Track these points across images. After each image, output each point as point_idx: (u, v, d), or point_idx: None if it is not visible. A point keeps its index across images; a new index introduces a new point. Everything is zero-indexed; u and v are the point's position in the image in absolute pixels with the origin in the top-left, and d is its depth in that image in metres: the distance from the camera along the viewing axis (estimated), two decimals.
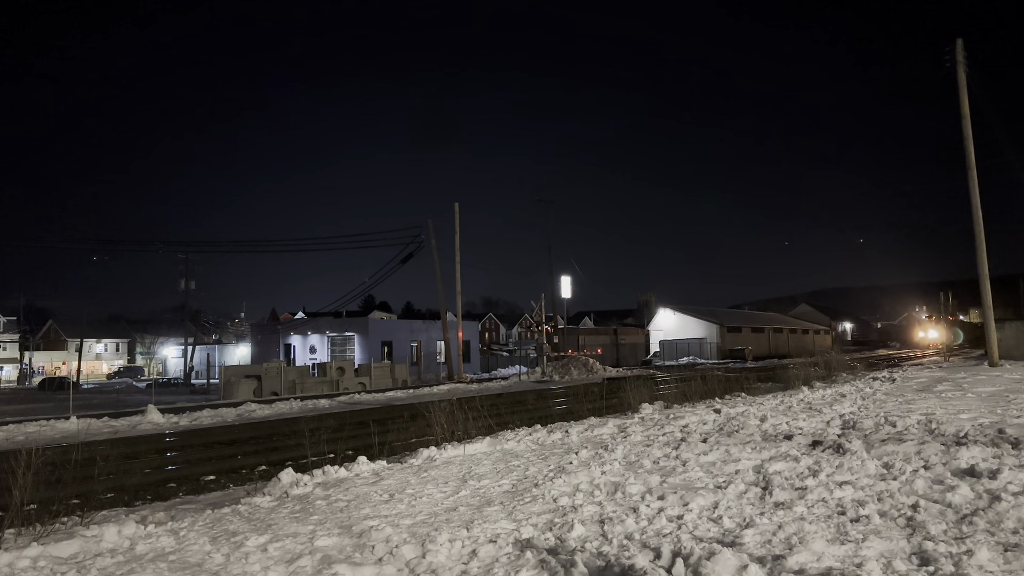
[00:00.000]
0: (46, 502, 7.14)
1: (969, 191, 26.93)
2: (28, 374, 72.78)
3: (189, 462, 12.88)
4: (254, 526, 6.31)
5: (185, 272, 56.45)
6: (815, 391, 18.81)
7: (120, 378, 67.19)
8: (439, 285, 40.99)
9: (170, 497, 9.56)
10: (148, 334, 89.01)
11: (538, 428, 12.55)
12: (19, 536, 6.39)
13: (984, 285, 26.89)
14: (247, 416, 20.51)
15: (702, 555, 4.36)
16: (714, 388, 19.50)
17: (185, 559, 5.31)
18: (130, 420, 19.20)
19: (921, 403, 13.54)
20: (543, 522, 5.79)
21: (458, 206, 40.60)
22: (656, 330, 74.65)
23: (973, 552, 4.27)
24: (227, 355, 57.48)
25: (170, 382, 54.65)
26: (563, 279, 49.77)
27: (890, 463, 7.14)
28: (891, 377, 22.64)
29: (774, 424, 11.14)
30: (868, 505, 5.60)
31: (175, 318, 73.21)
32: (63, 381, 49.76)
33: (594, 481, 7.31)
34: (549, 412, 19.33)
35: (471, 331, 50.82)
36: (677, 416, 13.54)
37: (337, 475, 8.73)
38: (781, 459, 7.82)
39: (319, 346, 43.40)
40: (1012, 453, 7.36)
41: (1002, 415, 10.86)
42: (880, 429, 9.95)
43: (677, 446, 9.35)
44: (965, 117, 26.86)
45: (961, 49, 27.20)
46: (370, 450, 10.80)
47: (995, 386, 16.61)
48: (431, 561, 4.91)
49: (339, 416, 18.55)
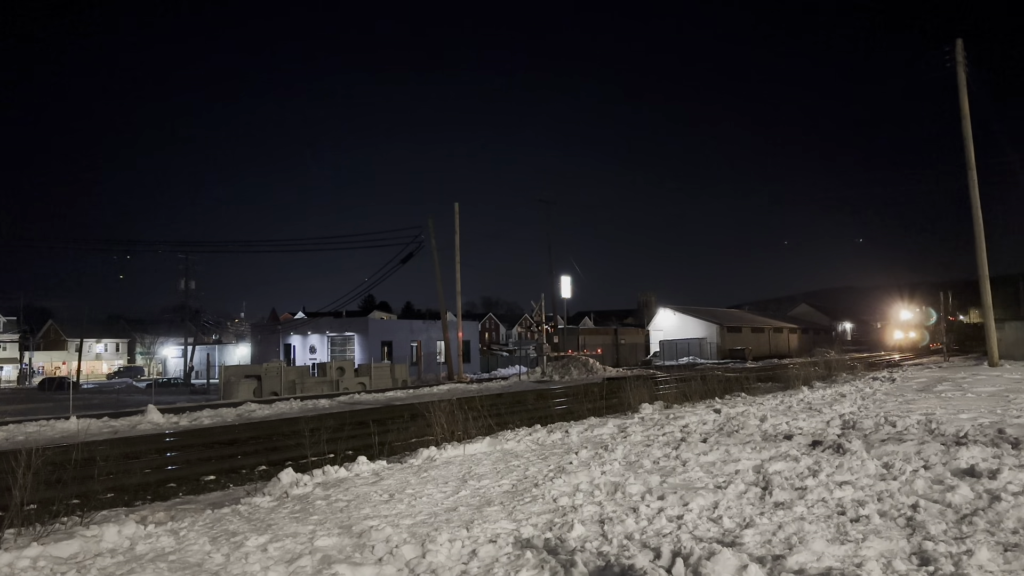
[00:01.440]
0: (46, 502, 7.14)
1: (969, 191, 26.94)
2: (28, 374, 72.81)
3: (189, 462, 12.88)
4: (254, 526, 6.31)
5: (185, 272, 56.51)
6: (815, 391, 18.82)
7: (120, 378, 67.22)
8: (439, 285, 41.00)
9: (170, 497, 9.56)
10: (148, 334, 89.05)
11: (538, 428, 12.55)
12: (19, 536, 6.38)
13: (984, 285, 26.90)
14: (247, 416, 20.52)
15: (702, 555, 4.36)
16: (714, 388, 19.50)
17: (185, 559, 5.31)
18: (130, 420, 19.20)
19: (921, 403, 13.54)
20: (543, 522, 5.78)
21: (458, 206, 40.67)
22: (656, 330, 74.66)
23: (973, 552, 4.27)
24: (227, 355, 57.50)
25: (170, 382, 54.68)
26: (563, 279, 49.81)
27: (890, 463, 7.14)
28: (891, 377, 22.65)
29: (774, 424, 11.14)
30: (868, 505, 5.60)
31: (175, 318, 73.15)
32: (63, 381, 49.75)
33: (594, 481, 7.31)
34: (549, 412, 19.33)
35: (471, 331, 50.82)
36: (677, 416, 13.54)
37: (337, 475, 8.73)
38: (781, 459, 7.82)
39: (319, 346, 43.40)
40: (1012, 453, 7.36)
41: (1002, 415, 10.86)
42: (880, 429, 9.95)
43: (677, 446, 9.35)
44: (965, 117, 26.87)
45: (961, 49, 27.21)
46: (370, 450, 10.79)
47: (995, 386, 16.61)
48: (431, 561, 4.91)
49: (339, 416, 18.55)
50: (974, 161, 26.83)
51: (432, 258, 40.68)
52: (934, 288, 50.28)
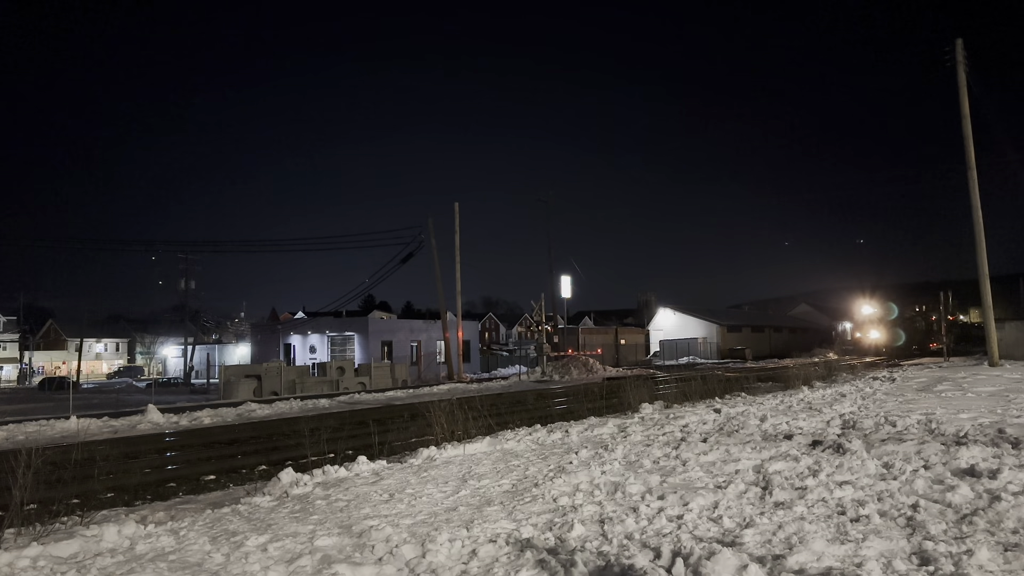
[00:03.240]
0: (46, 502, 7.13)
1: (969, 191, 26.95)
2: (28, 374, 72.83)
3: (189, 462, 12.88)
4: (254, 526, 6.31)
5: (185, 272, 56.50)
6: (815, 391, 18.82)
7: (120, 378, 67.17)
8: (439, 285, 41.01)
9: (170, 497, 9.55)
10: (148, 334, 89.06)
11: (538, 428, 12.55)
12: (19, 536, 6.38)
13: (984, 285, 26.92)
14: (247, 416, 20.52)
15: (702, 555, 4.36)
16: (714, 388, 19.50)
17: (185, 559, 5.31)
18: (130, 420, 19.21)
19: (921, 403, 13.54)
20: (543, 522, 5.78)
21: (458, 205, 40.71)
22: (656, 330, 74.71)
23: (973, 552, 4.27)
24: (227, 355, 57.50)
25: (170, 382, 54.68)
26: (563, 279, 49.86)
27: (890, 463, 7.14)
28: (891, 377, 22.67)
29: (774, 424, 11.13)
30: (868, 505, 5.60)
31: (175, 318, 73.26)
32: (63, 381, 49.78)
33: (594, 481, 7.31)
34: (549, 412, 19.32)
35: (471, 331, 50.82)
36: (677, 416, 13.54)
37: (337, 475, 8.73)
38: (781, 459, 7.82)
39: (319, 346, 43.40)
40: (1012, 453, 7.36)
41: (1002, 415, 10.87)
42: (880, 429, 9.96)
43: (677, 446, 9.35)
44: (965, 117, 26.89)
45: (961, 49, 27.22)
46: (370, 450, 10.79)
47: (995, 386, 16.62)
48: (431, 561, 4.91)
49: (339, 416, 18.57)
50: (974, 161, 26.84)
51: (432, 258, 40.73)
52: (934, 288, 50.25)
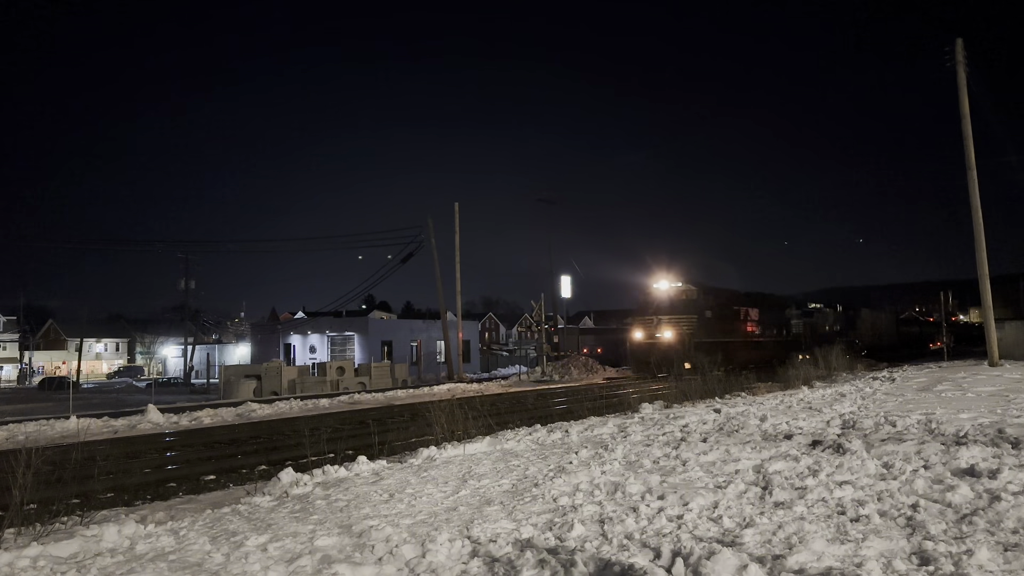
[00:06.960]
0: (46, 502, 7.13)
1: (969, 191, 26.93)
2: (28, 374, 72.77)
3: (189, 462, 12.87)
4: (254, 526, 6.31)
5: (185, 272, 56.44)
6: (815, 391, 18.82)
7: (120, 378, 67.15)
8: (439, 285, 40.98)
9: (170, 497, 9.55)
10: (148, 334, 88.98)
11: (538, 428, 12.54)
12: (19, 536, 6.38)
13: (984, 285, 26.89)
14: (247, 416, 20.52)
15: (702, 555, 4.35)
16: (714, 388, 19.50)
17: (185, 559, 5.31)
18: (130, 420, 19.20)
19: (921, 403, 13.53)
20: (543, 522, 5.78)
21: (458, 205, 40.64)
22: None
23: (973, 552, 4.27)
24: (227, 355, 57.47)
25: (170, 382, 54.66)
26: (563, 279, 49.81)
27: (890, 463, 7.13)
28: (891, 377, 22.65)
29: (774, 424, 11.13)
30: (868, 505, 5.59)
31: (175, 318, 73.16)
32: (63, 381, 49.74)
33: (594, 481, 7.31)
34: (549, 412, 19.32)
35: (471, 331, 50.81)
36: (677, 415, 13.54)
37: (337, 475, 8.72)
38: (781, 459, 7.82)
39: (319, 346, 43.39)
40: (1012, 453, 7.36)
41: (1002, 415, 10.86)
42: (880, 429, 9.95)
43: (677, 446, 9.35)
44: (965, 117, 26.85)
45: (961, 49, 27.19)
46: (370, 450, 10.78)
47: (995, 386, 16.61)
48: (431, 561, 4.91)
49: (339, 416, 18.58)
50: (974, 161, 26.82)
51: (432, 258, 40.71)
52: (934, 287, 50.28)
